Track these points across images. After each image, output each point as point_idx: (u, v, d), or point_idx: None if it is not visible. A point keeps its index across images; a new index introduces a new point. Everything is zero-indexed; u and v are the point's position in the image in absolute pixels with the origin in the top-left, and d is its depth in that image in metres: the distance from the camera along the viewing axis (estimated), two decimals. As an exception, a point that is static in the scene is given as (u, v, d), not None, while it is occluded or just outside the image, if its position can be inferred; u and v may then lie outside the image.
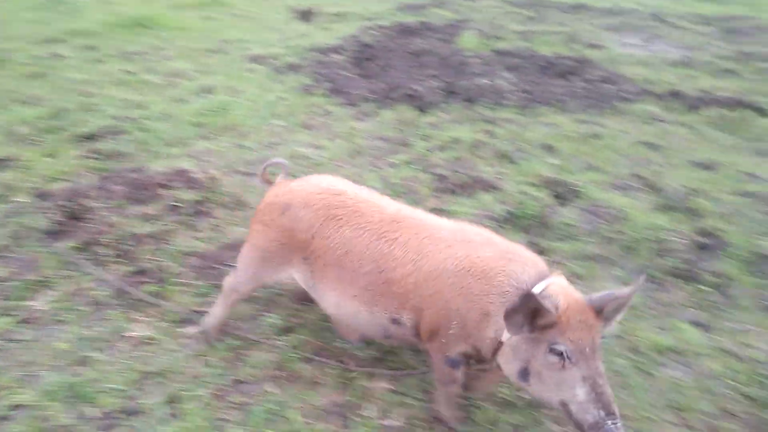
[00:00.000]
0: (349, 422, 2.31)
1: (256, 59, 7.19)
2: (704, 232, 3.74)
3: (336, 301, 2.34)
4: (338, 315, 2.41)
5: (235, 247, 3.07)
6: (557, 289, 1.98)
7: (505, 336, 2.00)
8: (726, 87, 6.89)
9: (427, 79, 6.73)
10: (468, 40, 8.84)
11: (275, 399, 2.39)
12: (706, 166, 4.76)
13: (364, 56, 7.68)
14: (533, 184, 4.27)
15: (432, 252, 2.15)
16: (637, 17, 11.50)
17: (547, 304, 1.83)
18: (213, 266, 3.15)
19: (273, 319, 2.84)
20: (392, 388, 2.49)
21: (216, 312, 2.67)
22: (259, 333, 2.75)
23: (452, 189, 4.18)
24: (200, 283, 3.03)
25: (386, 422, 2.32)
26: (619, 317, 1.98)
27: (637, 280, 1.99)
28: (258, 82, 6.32)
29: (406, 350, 2.69)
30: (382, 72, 7.05)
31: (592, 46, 8.85)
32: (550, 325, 1.88)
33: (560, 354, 1.87)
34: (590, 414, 1.83)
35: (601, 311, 1.92)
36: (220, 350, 2.62)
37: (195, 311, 2.81)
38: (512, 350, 2.00)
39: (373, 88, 6.37)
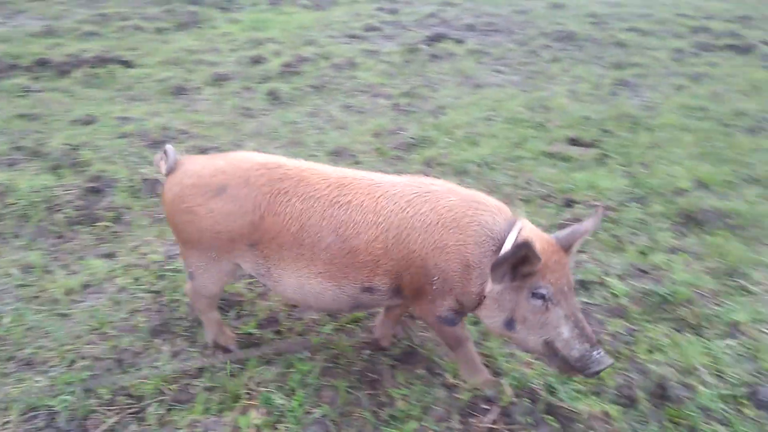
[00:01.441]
0: None
1: None
2: (93, 178, 4.04)
3: (297, 282, 2.15)
4: (301, 297, 2.22)
5: None
6: (528, 233, 1.98)
7: (487, 289, 1.99)
8: (91, 48, 7.27)
9: None
10: None
11: None
12: (86, 122, 5.05)
13: None
14: None
15: (393, 211, 2.03)
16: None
17: (535, 251, 1.83)
18: None
19: None
20: None
21: (207, 324, 2.52)
22: None
23: None
24: None
25: None
26: (576, 250, 2.08)
27: (596, 212, 2.10)
28: None
29: None
30: None
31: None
32: (532, 272, 1.89)
33: (543, 297, 1.92)
34: (575, 349, 1.93)
35: (569, 248, 2.00)
36: None
37: None
38: (495, 302, 2.00)
39: None
